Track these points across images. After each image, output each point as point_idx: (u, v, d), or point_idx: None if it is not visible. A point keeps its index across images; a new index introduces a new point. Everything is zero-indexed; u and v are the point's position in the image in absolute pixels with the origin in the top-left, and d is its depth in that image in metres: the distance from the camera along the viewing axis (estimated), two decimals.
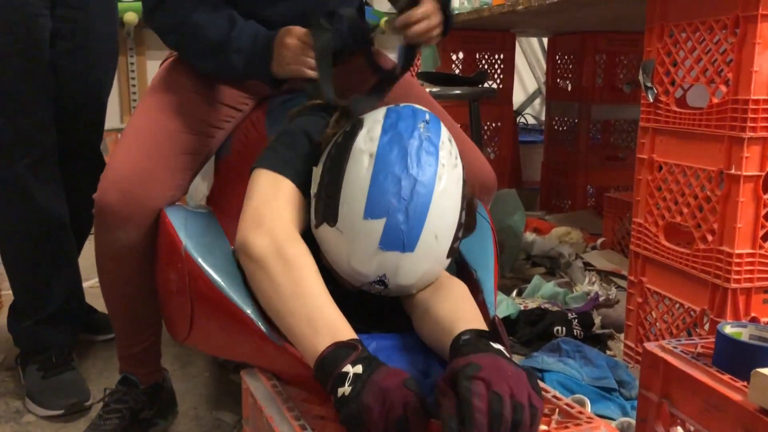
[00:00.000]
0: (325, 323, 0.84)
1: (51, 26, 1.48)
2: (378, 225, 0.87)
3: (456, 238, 0.94)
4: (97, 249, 1.21)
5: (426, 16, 1.13)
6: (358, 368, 0.77)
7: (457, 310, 0.89)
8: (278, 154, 1.02)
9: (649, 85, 1.51)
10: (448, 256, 0.94)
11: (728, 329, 0.96)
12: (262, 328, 0.94)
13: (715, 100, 1.34)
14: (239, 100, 1.30)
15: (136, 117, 1.25)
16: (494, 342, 0.80)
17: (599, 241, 2.49)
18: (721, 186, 1.33)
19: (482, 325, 0.86)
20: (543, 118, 3.92)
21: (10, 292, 1.63)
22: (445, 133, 0.94)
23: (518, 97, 4.18)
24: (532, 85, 4.50)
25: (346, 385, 0.76)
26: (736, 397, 0.86)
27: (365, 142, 0.90)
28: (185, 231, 1.08)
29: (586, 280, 2.06)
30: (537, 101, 4.54)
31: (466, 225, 0.97)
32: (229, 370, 1.63)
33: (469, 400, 0.67)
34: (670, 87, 1.47)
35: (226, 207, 1.19)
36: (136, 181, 1.14)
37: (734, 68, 1.29)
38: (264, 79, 1.20)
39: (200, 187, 1.47)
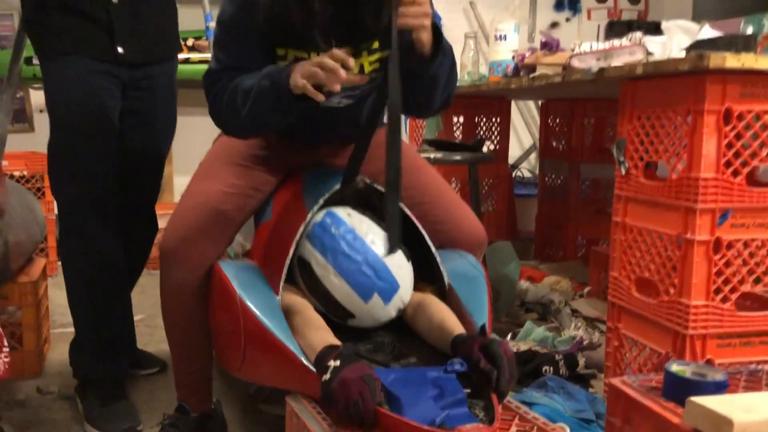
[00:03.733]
0: (321, 343, 1.21)
1: (121, 105, 1.76)
2: (376, 299, 1.31)
3: (404, 251, 1.34)
4: (161, 287, 1.49)
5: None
6: (337, 362, 1.13)
7: (446, 319, 1.32)
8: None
9: (622, 159, 1.77)
10: (408, 260, 1.36)
11: (674, 367, 1.18)
12: (305, 361, 1.18)
13: (674, 176, 1.59)
14: (274, 168, 1.57)
15: (192, 183, 1.54)
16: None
17: (586, 290, 2.72)
18: (680, 248, 1.58)
19: (462, 328, 1.30)
20: (538, 172, 4.18)
21: (60, 330, 1.86)
22: (342, 212, 1.35)
23: (515, 152, 4.44)
24: (527, 141, 4.77)
25: (328, 373, 1.12)
26: (676, 420, 1.10)
27: (322, 269, 1.32)
28: (238, 282, 1.33)
29: (573, 325, 2.28)
30: (533, 155, 4.81)
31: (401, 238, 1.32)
32: (258, 401, 1.85)
33: (501, 357, 1.16)
34: (639, 162, 1.73)
35: (267, 262, 1.44)
36: (191, 234, 1.43)
37: (688, 150, 1.54)
38: (286, 99, 1.31)
39: (239, 242, 1.72)
